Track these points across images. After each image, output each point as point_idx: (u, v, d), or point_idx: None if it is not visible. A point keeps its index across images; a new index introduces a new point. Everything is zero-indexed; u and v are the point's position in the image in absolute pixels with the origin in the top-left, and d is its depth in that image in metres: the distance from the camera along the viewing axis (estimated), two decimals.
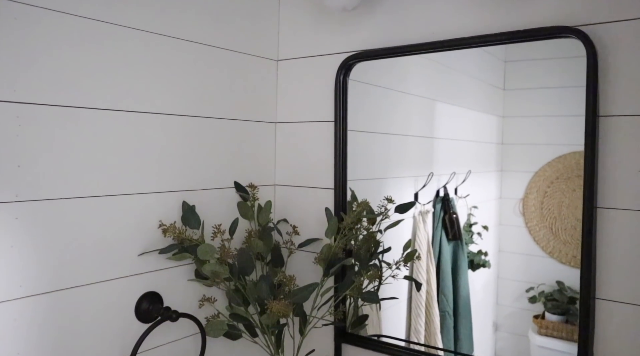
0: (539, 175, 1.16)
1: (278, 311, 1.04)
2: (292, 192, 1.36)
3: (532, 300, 1.17)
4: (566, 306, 1.12)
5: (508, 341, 1.22)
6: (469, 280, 1.27)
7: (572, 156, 1.11)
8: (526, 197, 1.18)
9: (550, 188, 1.15)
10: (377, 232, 1.20)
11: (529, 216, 1.18)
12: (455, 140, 1.29)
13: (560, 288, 1.13)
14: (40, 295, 0.92)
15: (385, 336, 1.27)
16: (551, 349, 1.13)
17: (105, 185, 1.01)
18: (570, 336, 1.11)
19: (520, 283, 1.19)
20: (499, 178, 1.21)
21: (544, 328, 1.15)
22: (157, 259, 1.10)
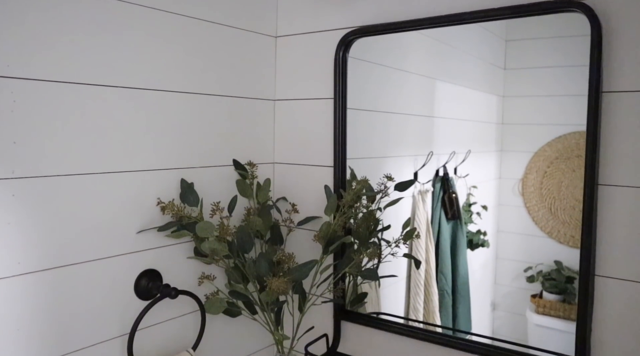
0: (538, 155, 1.16)
1: (277, 288, 1.04)
2: (291, 169, 1.35)
3: (530, 279, 1.17)
4: (564, 286, 1.13)
5: (506, 320, 1.23)
6: (467, 260, 1.27)
7: (572, 136, 1.10)
8: (525, 177, 1.17)
9: (550, 168, 1.14)
10: (377, 210, 1.20)
11: (528, 196, 1.17)
12: (455, 119, 1.28)
13: (558, 268, 1.14)
14: (39, 272, 0.91)
15: (384, 313, 1.28)
16: (548, 327, 1.14)
17: (103, 162, 1.00)
18: (567, 315, 1.12)
19: (518, 262, 1.19)
20: (499, 158, 1.21)
21: (542, 307, 1.15)
22: (156, 237, 1.10)
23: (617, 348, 0.95)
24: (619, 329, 0.94)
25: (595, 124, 0.93)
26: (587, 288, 0.95)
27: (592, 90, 0.93)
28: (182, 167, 1.14)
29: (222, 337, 1.27)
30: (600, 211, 0.95)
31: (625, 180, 0.93)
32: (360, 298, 1.27)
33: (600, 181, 0.95)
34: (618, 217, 0.93)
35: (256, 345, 1.37)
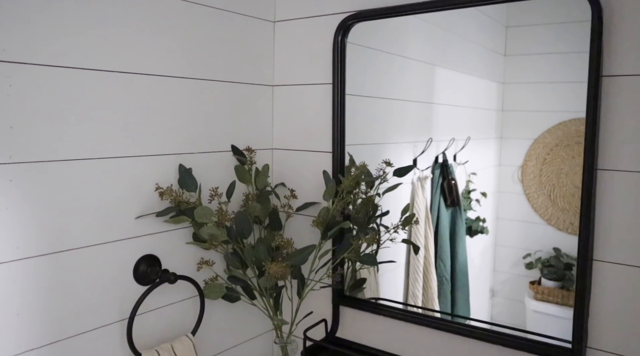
0: (538, 142, 1.15)
1: (276, 273, 1.04)
2: (290, 155, 1.35)
3: (529, 266, 1.17)
4: (562, 272, 1.13)
5: (504, 306, 1.23)
6: (466, 247, 1.28)
7: (572, 123, 1.09)
8: (525, 164, 1.17)
9: (550, 155, 1.14)
10: (375, 196, 1.20)
11: (527, 183, 1.17)
12: (455, 106, 1.27)
13: (557, 255, 1.14)
14: (38, 257, 0.91)
15: (383, 299, 1.28)
16: (546, 314, 1.14)
17: (100, 147, 0.99)
18: (565, 301, 1.12)
19: (517, 249, 1.19)
20: (498, 145, 1.20)
21: (540, 294, 1.16)
22: (155, 222, 1.10)
23: (614, 331, 0.95)
24: (617, 313, 0.95)
25: (595, 108, 0.92)
26: (585, 273, 0.95)
27: (592, 74, 0.92)
28: (180, 152, 1.14)
29: (221, 322, 1.27)
30: (599, 196, 0.95)
31: (625, 164, 0.92)
32: (359, 283, 1.27)
33: (599, 166, 0.94)
34: (617, 201, 0.93)
35: (255, 330, 1.37)
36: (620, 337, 0.95)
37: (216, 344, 1.27)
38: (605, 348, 0.96)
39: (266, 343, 1.41)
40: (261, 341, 1.40)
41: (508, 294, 1.22)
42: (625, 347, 0.94)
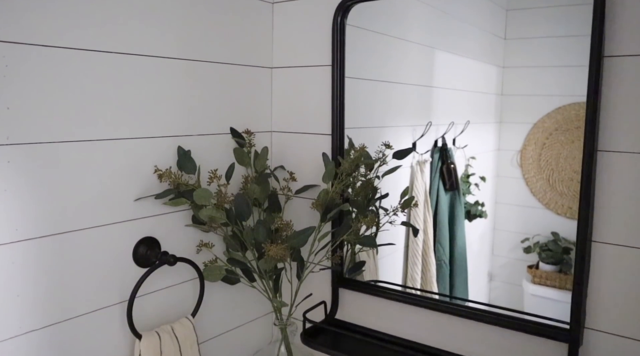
0: (537, 127, 1.15)
1: (275, 255, 1.04)
2: (289, 138, 1.34)
3: (527, 250, 1.18)
4: (560, 256, 1.13)
5: (502, 290, 1.24)
6: (465, 230, 1.28)
7: (572, 107, 1.09)
8: (524, 149, 1.17)
9: (549, 139, 1.14)
10: (375, 178, 1.20)
11: (526, 168, 1.17)
12: (454, 90, 1.27)
13: (555, 239, 1.14)
14: (37, 239, 0.91)
15: (382, 281, 1.29)
16: (544, 297, 1.15)
17: (98, 129, 0.99)
18: (563, 284, 1.13)
19: (515, 234, 1.20)
20: (498, 129, 1.20)
21: (538, 277, 1.16)
22: (154, 205, 1.10)
23: (612, 312, 0.96)
24: (615, 294, 0.95)
25: (596, 89, 0.92)
26: (584, 254, 0.95)
27: (593, 54, 0.91)
28: (179, 134, 1.13)
29: (221, 304, 1.28)
30: (599, 176, 0.95)
31: (625, 145, 0.92)
32: (358, 266, 1.27)
33: (599, 147, 0.94)
34: (617, 182, 0.93)
35: (255, 313, 1.38)
36: (618, 318, 0.95)
37: (216, 326, 1.28)
38: (603, 328, 0.97)
39: (266, 325, 1.42)
40: (261, 323, 1.40)
41: (506, 278, 1.23)
42: (622, 327, 0.95)
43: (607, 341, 0.97)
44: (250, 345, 1.37)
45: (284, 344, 1.22)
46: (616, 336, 0.96)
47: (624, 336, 0.95)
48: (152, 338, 1.05)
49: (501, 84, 1.18)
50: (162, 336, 1.07)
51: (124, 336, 1.06)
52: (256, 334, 1.39)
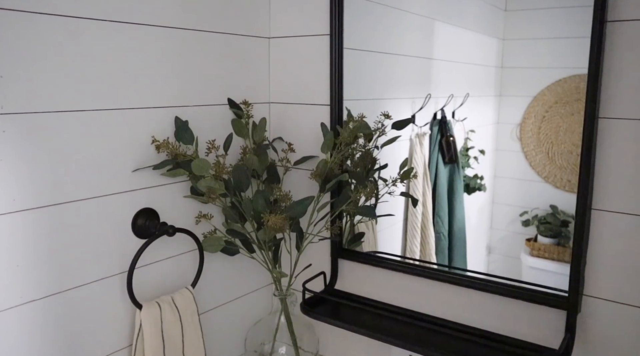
0: (537, 100, 1.14)
1: (274, 225, 1.04)
2: (287, 109, 1.33)
3: (526, 223, 1.18)
4: (559, 229, 1.13)
5: (500, 263, 1.25)
6: (464, 203, 1.28)
7: (573, 79, 1.08)
8: (524, 122, 1.16)
9: (549, 112, 1.13)
10: (374, 149, 1.19)
11: (525, 141, 1.17)
12: (454, 62, 1.25)
13: (553, 212, 1.14)
14: (35, 209, 0.91)
15: (381, 252, 1.29)
16: (542, 269, 1.15)
17: (95, 99, 0.97)
18: (561, 257, 1.13)
19: (514, 207, 1.20)
20: (497, 102, 1.19)
21: (536, 250, 1.17)
22: (152, 176, 1.09)
23: (610, 279, 0.96)
24: (613, 261, 0.95)
25: (599, 53, 0.90)
26: (584, 222, 0.95)
27: (596, 19, 0.90)
28: (176, 105, 1.12)
29: (221, 275, 1.28)
30: (599, 144, 0.94)
31: (627, 112, 0.91)
32: (357, 237, 1.27)
33: (601, 114, 0.93)
34: (617, 149, 0.93)
35: (255, 284, 1.39)
36: (616, 285, 0.96)
37: (216, 297, 1.28)
38: (601, 295, 0.97)
39: (266, 296, 1.43)
40: (261, 294, 1.41)
41: (504, 251, 1.23)
42: (620, 294, 0.95)
43: (605, 308, 0.97)
44: (250, 316, 1.38)
45: (284, 314, 1.23)
46: (614, 303, 0.96)
47: (622, 302, 0.95)
48: (152, 308, 1.06)
49: (501, 57, 1.17)
50: (162, 307, 1.07)
51: (125, 306, 1.07)
52: (256, 305, 1.40)
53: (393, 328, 1.12)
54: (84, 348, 1.02)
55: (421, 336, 1.09)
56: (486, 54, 1.20)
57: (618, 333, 0.96)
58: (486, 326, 1.10)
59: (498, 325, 1.09)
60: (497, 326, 1.09)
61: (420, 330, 1.12)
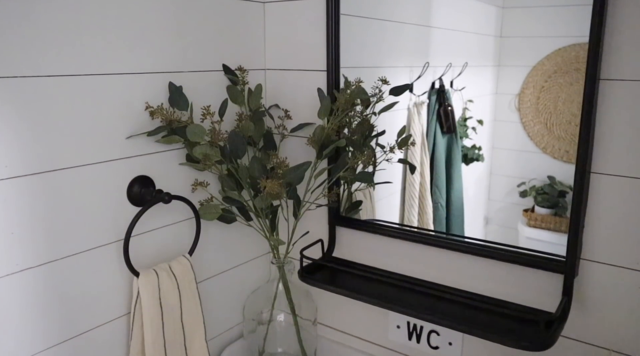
0: (536, 69, 1.12)
1: (271, 190, 1.03)
2: (283, 76, 1.31)
3: (523, 194, 1.18)
4: (556, 200, 1.13)
5: (498, 233, 1.24)
6: (462, 174, 1.27)
7: (572, 48, 1.06)
8: (522, 92, 1.15)
9: (548, 82, 1.11)
10: (371, 115, 1.18)
11: (524, 111, 1.15)
12: (453, 30, 1.23)
13: (551, 183, 1.14)
14: (28, 176, 0.89)
15: (379, 220, 1.28)
16: (539, 240, 1.15)
17: (87, 63, 0.95)
18: (558, 227, 1.13)
19: (512, 178, 1.19)
20: (496, 72, 1.18)
21: (533, 220, 1.16)
22: (147, 143, 1.08)
23: (608, 243, 0.96)
24: (612, 225, 0.95)
25: (601, 13, 0.88)
26: (582, 185, 0.95)
27: None
28: (170, 70, 1.10)
29: (218, 244, 1.28)
30: (600, 106, 0.93)
31: (629, 73, 0.89)
32: (355, 205, 1.27)
33: (602, 76, 0.92)
34: (618, 112, 0.91)
35: (252, 252, 1.39)
36: (614, 248, 0.95)
37: (213, 265, 1.28)
38: (599, 259, 0.97)
39: (263, 264, 1.43)
40: (258, 262, 1.41)
41: (502, 222, 1.23)
42: (618, 257, 0.95)
43: (602, 272, 0.97)
44: (248, 284, 1.38)
45: (282, 282, 1.23)
46: (611, 266, 0.96)
47: (619, 266, 0.95)
48: (150, 276, 1.05)
49: (500, 25, 1.15)
50: (159, 274, 1.07)
51: (122, 274, 1.06)
52: (254, 273, 1.40)
53: (391, 294, 1.12)
54: (83, 316, 1.01)
55: (419, 302, 1.09)
56: (485, 23, 1.18)
57: (614, 296, 0.97)
58: (484, 291, 1.10)
59: (495, 290, 1.09)
60: (494, 291, 1.09)
61: (418, 295, 1.12)
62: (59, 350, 0.98)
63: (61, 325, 0.98)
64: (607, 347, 0.99)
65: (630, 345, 0.97)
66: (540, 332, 0.95)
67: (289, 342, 1.31)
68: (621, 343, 0.97)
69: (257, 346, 1.30)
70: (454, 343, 1.18)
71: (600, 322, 0.99)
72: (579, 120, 0.93)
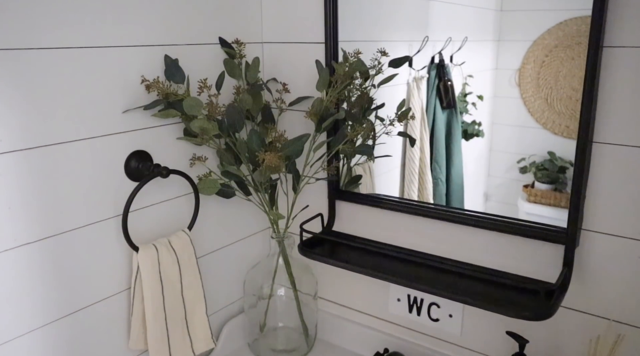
0: (537, 44, 1.11)
1: (270, 163, 1.02)
2: (281, 49, 1.29)
3: (523, 170, 1.17)
4: (556, 175, 1.13)
5: (497, 209, 1.23)
6: (462, 150, 1.26)
7: (574, 22, 1.04)
8: (523, 67, 1.13)
9: (549, 57, 1.10)
10: (371, 87, 1.16)
11: (524, 87, 1.14)
12: (452, 3, 1.21)
13: (551, 158, 1.13)
14: (23, 151, 0.88)
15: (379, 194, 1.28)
16: (539, 215, 1.15)
17: (80, 35, 0.93)
18: (558, 202, 1.13)
19: (512, 154, 1.19)
20: (496, 47, 1.16)
21: (533, 196, 1.16)
22: (143, 117, 1.06)
23: (609, 213, 0.96)
24: (613, 195, 0.94)
25: None
26: (584, 155, 0.94)
27: None
28: (165, 43, 1.08)
29: (218, 219, 1.27)
30: (603, 74, 0.91)
31: (632, 41, 0.88)
32: (355, 180, 1.26)
33: (606, 43, 0.90)
34: (621, 79, 0.90)
35: (252, 227, 1.38)
36: (615, 218, 0.95)
37: (213, 240, 1.28)
38: (600, 229, 0.97)
39: (263, 239, 1.43)
40: (258, 237, 1.41)
41: (502, 198, 1.23)
42: (619, 228, 0.95)
43: (603, 242, 0.97)
44: (248, 259, 1.38)
45: (282, 256, 1.23)
46: (613, 236, 0.96)
47: (620, 236, 0.95)
48: (149, 250, 1.05)
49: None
50: (159, 249, 1.06)
51: (122, 249, 1.06)
52: (254, 248, 1.40)
53: (392, 267, 1.12)
54: (83, 291, 1.01)
55: (420, 274, 1.09)
56: None
57: (615, 266, 0.97)
58: (484, 263, 1.10)
59: (496, 262, 1.09)
60: (495, 262, 1.09)
61: (418, 267, 1.12)
62: (59, 325, 0.98)
63: (61, 301, 0.98)
64: (607, 317, 0.99)
65: (630, 314, 0.97)
66: (540, 302, 0.95)
67: (289, 316, 1.31)
68: (621, 313, 0.98)
69: (257, 321, 1.31)
70: (454, 315, 1.18)
71: (600, 292, 0.99)
72: (579, 95, 0.92)
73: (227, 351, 1.33)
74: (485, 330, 1.14)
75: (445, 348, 1.21)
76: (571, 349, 1.04)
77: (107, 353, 1.08)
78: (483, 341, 1.16)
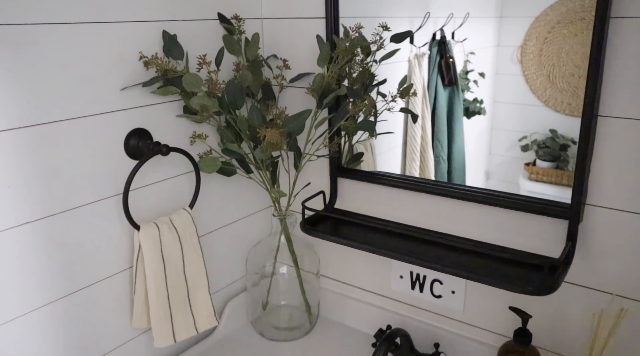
0: (539, 20, 1.08)
1: (272, 138, 1.00)
2: (281, 25, 1.27)
3: (525, 148, 1.16)
4: (557, 153, 1.12)
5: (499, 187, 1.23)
6: (463, 128, 1.25)
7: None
8: (525, 44, 1.11)
9: (551, 33, 1.08)
10: (372, 63, 1.15)
11: (526, 64, 1.12)
12: None
13: (553, 136, 1.12)
14: (20, 129, 0.87)
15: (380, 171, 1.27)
16: (540, 193, 1.14)
17: (76, 10, 0.91)
18: (559, 180, 1.12)
19: (513, 133, 1.17)
20: (498, 24, 1.14)
21: (535, 174, 1.15)
22: (143, 94, 1.05)
23: (613, 188, 0.95)
24: (617, 169, 0.94)
25: None
26: (589, 129, 0.93)
27: None
28: (163, 19, 1.06)
29: (219, 197, 1.27)
30: (608, 46, 0.90)
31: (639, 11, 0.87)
32: (357, 157, 1.25)
33: (612, 14, 0.89)
34: (628, 52, 0.88)
35: (254, 206, 1.38)
36: (620, 193, 0.94)
37: (215, 219, 1.27)
38: (604, 204, 0.97)
39: (265, 217, 1.42)
40: (260, 215, 1.41)
41: (503, 176, 1.22)
42: (623, 202, 0.95)
43: (606, 217, 0.97)
44: (250, 238, 1.38)
45: (284, 235, 1.22)
46: (617, 210, 0.95)
47: (624, 210, 0.95)
48: (150, 229, 1.04)
49: None
50: (160, 227, 1.06)
51: (123, 228, 1.05)
52: (256, 226, 1.40)
53: (394, 244, 1.12)
54: (85, 270, 1.01)
55: (422, 250, 1.09)
56: None
57: (619, 241, 0.96)
58: (487, 238, 1.10)
59: (499, 237, 1.09)
60: (498, 238, 1.09)
61: (422, 244, 1.12)
62: (61, 304, 0.98)
63: (63, 280, 0.98)
64: (610, 291, 0.99)
65: (633, 288, 0.97)
66: (544, 277, 0.95)
67: (292, 294, 1.32)
68: (625, 288, 0.98)
69: (260, 299, 1.31)
70: (457, 291, 1.18)
71: (604, 267, 0.99)
72: (582, 72, 0.90)
73: (230, 329, 1.33)
74: (488, 305, 1.15)
75: (448, 325, 1.22)
76: (574, 324, 1.05)
77: (110, 332, 1.08)
78: (486, 317, 1.16)
